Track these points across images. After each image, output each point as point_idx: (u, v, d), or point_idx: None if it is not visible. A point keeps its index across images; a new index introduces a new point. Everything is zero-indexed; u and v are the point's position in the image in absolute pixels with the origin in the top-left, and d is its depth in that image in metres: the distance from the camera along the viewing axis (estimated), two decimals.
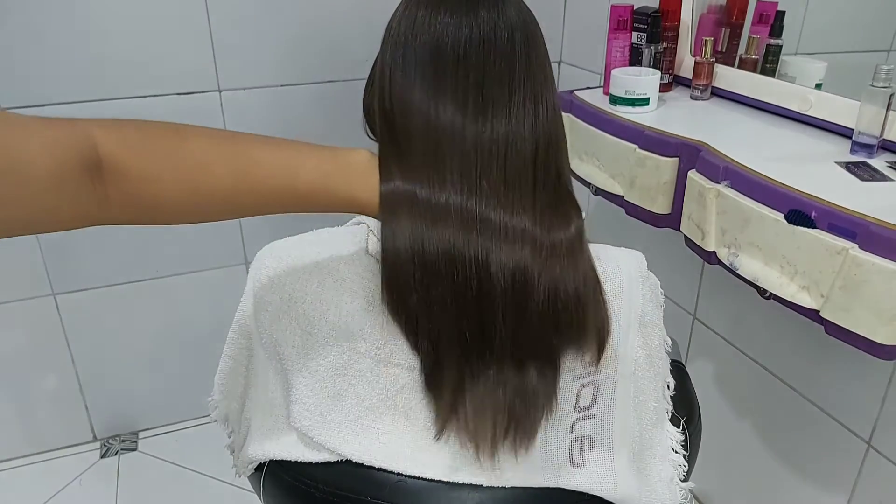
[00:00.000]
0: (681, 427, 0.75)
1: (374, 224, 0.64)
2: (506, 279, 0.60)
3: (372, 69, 0.69)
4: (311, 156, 0.59)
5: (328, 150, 0.60)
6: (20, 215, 0.46)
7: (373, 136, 0.69)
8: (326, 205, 0.61)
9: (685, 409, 0.82)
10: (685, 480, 0.75)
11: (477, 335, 0.61)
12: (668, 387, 0.74)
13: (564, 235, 0.63)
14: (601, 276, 0.65)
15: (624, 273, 0.67)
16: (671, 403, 0.74)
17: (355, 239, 0.66)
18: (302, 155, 0.59)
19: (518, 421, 0.62)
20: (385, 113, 0.64)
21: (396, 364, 0.63)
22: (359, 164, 0.61)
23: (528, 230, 0.61)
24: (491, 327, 0.60)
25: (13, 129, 0.45)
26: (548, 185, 0.64)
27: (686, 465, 0.74)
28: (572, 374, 0.64)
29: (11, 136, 0.44)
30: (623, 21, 1.26)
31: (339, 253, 0.66)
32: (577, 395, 0.65)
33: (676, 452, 0.73)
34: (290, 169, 0.58)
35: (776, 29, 1.16)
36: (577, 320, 0.62)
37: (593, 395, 0.65)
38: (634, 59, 1.28)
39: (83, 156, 0.48)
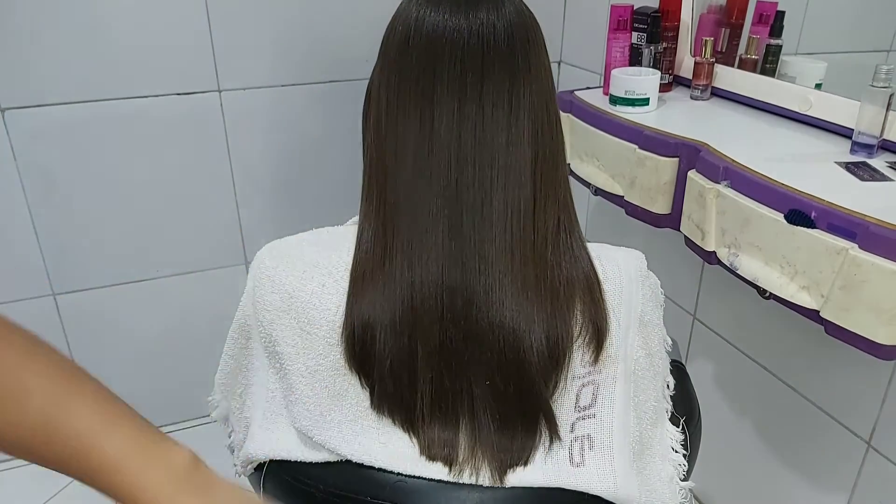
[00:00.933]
0: (680, 427, 0.75)
1: None
2: (495, 335, 0.61)
3: (371, 74, 0.68)
4: (125, 430, 0.48)
5: (150, 433, 0.49)
6: None
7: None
8: (113, 494, 0.48)
9: (685, 408, 0.82)
10: (685, 480, 0.75)
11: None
12: (668, 386, 0.74)
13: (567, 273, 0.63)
14: (601, 276, 0.65)
15: (624, 273, 0.67)
16: (671, 403, 0.74)
17: (355, 238, 0.66)
18: (117, 426, 0.48)
19: (508, 454, 0.63)
20: (377, 126, 0.64)
21: None
22: (169, 464, 0.48)
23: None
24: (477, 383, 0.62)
25: None
26: (549, 203, 0.64)
27: (686, 464, 0.74)
28: (572, 373, 0.64)
29: None
30: (623, 21, 1.26)
31: (339, 253, 0.65)
32: (577, 395, 0.65)
33: (676, 452, 0.73)
34: (94, 434, 0.47)
35: (776, 29, 1.16)
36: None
37: (593, 394, 0.65)
38: (634, 59, 1.28)
39: None
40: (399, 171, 0.62)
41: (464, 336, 0.61)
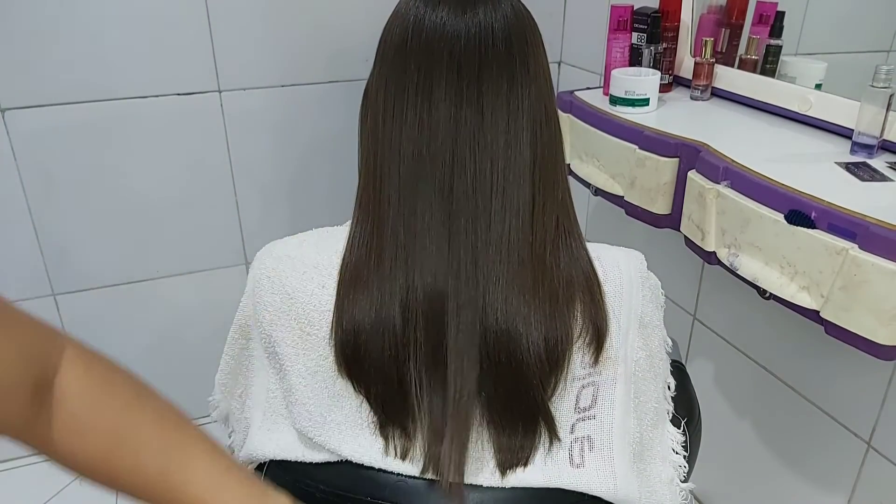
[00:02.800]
0: (681, 428, 0.75)
1: None
2: (490, 338, 0.60)
3: (369, 75, 0.68)
4: (233, 490, 0.50)
5: (256, 491, 0.52)
6: None
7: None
8: None
9: (685, 409, 0.82)
10: (685, 481, 0.75)
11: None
12: (669, 387, 0.74)
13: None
14: (601, 277, 0.65)
15: (624, 274, 0.67)
16: (672, 404, 0.74)
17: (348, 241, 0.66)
18: (225, 484, 0.50)
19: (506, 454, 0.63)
20: (373, 125, 0.64)
21: None
22: None
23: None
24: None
25: None
26: (548, 204, 0.63)
27: (686, 465, 0.74)
28: (572, 375, 0.64)
29: None
30: (623, 21, 1.26)
31: (339, 253, 0.65)
32: (578, 397, 0.65)
33: (677, 454, 0.73)
34: (204, 494, 0.49)
35: (776, 29, 1.16)
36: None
37: (593, 395, 0.65)
38: (634, 59, 1.28)
39: (43, 377, 0.45)
40: (395, 174, 0.61)
41: (456, 340, 0.60)
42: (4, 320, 0.44)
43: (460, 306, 0.60)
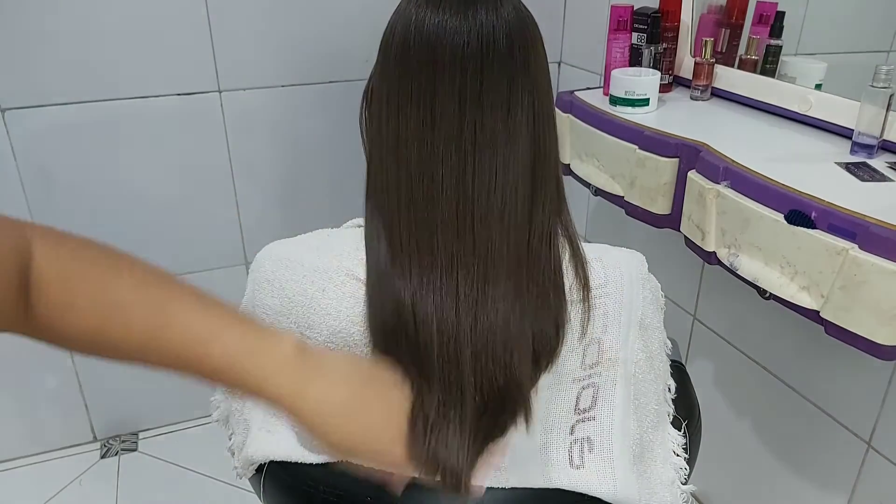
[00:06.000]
0: (682, 430, 0.75)
1: None
2: (486, 338, 0.60)
3: (370, 75, 0.68)
4: (231, 329, 0.51)
5: (253, 328, 0.52)
6: None
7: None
8: (239, 388, 0.53)
9: (685, 409, 0.82)
10: (686, 483, 0.75)
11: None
12: (670, 389, 0.74)
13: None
14: (602, 280, 0.65)
15: (625, 276, 0.67)
16: (672, 406, 0.74)
17: (356, 242, 0.66)
18: (222, 326, 0.51)
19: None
20: (377, 124, 0.64)
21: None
22: (279, 354, 0.52)
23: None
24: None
25: None
26: (546, 203, 0.63)
27: (687, 468, 0.74)
28: (572, 376, 0.64)
29: None
30: (623, 21, 1.26)
31: (340, 257, 0.65)
32: (577, 398, 0.65)
33: (678, 456, 0.73)
34: (204, 339, 0.50)
35: (776, 29, 1.16)
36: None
37: (593, 397, 0.65)
38: (634, 59, 1.28)
39: (17, 269, 0.45)
40: (401, 173, 0.62)
41: (457, 339, 0.60)
42: None
43: (466, 306, 0.60)
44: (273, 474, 0.69)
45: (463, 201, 0.61)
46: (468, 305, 0.61)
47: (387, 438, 0.56)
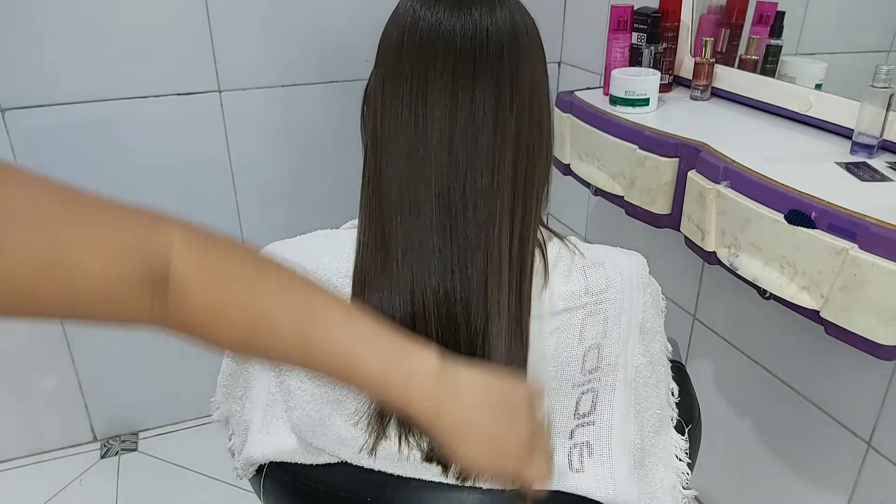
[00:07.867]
0: (685, 435, 0.74)
1: None
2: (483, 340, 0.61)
3: (369, 76, 0.68)
4: (378, 345, 0.51)
5: (398, 343, 0.52)
6: (63, 312, 0.42)
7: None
8: (380, 402, 0.57)
9: (686, 410, 0.82)
10: (687, 487, 0.74)
11: None
12: (673, 393, 0.74)
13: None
14: (604, 285, 0.65)
15: (626, 280, 0.66)
16: (676, 410, 0.74)
17: (354, 244, 0.66)
18: (368, 341, 0.51)
19: None
20: (373, 128, 0.64)
21: None
22: (422, 374, 0.52)
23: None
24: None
25: (78, 228, 0.41)
26: (527, 210, 0.63)
27: (690, 473, 0.74)
28: (572, 381, 0.64)
29: (72, 236, 0.41)
30: (623, 21, 1.26)
31: (338, 259, 0.65)
32: (577, 402, 0.65)
33: (680, 460, 0.73)
34: (355, 357, 0.50)
35: (776, 29, 1.16)
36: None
37: (592, 401, 0.65)
38: (634, 59, 1.28)
39: (151, 269, 0.43)
40: (394, 174, 0.62)
41: (455, 343, 0.61)
42: (96, 215, 0.43)
43: (464, 311, 0.60)
44: (273, 475, 0.69)
45: (456, 207, 0.61)
46: (471, 313, 0.61)
47: (516, 460, 0.55)
